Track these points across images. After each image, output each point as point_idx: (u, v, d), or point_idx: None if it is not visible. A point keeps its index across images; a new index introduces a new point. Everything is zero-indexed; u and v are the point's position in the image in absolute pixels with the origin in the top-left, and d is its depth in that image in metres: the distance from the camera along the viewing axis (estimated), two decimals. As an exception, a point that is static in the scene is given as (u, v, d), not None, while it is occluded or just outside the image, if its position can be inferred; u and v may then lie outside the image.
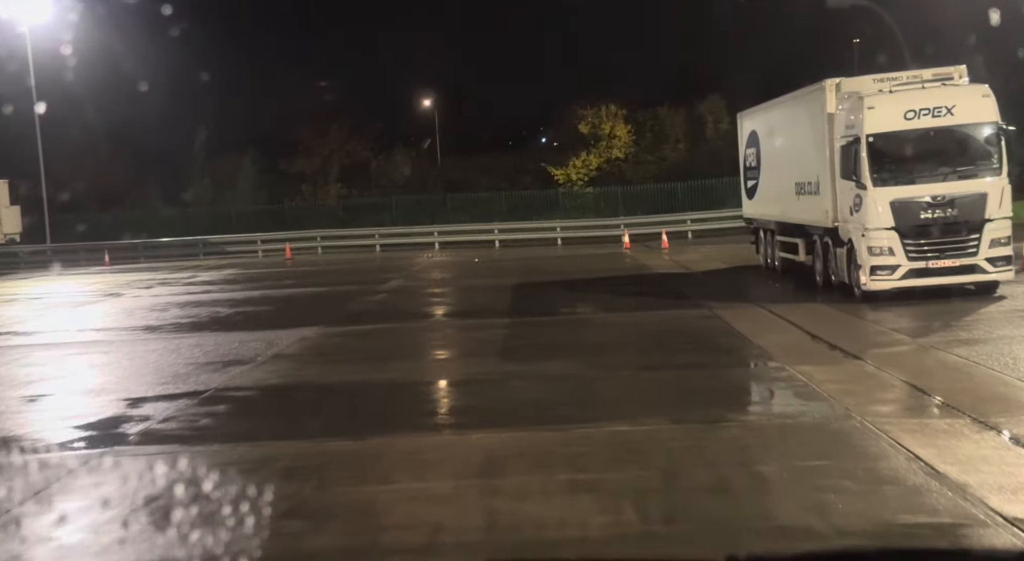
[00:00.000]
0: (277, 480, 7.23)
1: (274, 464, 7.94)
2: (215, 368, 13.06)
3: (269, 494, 6.75)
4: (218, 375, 12.46)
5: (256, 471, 7.50)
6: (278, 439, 8.81)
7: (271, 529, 6.23)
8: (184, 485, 7.33)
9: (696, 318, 16.07)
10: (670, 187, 42.53)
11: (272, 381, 12.08)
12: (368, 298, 21.86)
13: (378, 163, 48.72)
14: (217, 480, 7.16)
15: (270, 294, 23.65)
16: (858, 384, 10.41)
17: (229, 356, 14.05)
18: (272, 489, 6.87)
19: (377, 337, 15.89)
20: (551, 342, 14.41)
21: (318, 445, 8.53)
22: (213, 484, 7.09)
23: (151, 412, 10.28)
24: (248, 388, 11.63)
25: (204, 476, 7.29)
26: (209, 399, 11.01)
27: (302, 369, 12.91)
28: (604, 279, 23.76)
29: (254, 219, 44.68)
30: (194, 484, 7.24)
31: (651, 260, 28.99)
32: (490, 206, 44.29)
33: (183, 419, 9.95)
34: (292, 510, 6.73)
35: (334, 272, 30.97)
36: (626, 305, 18.64)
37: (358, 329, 16.81)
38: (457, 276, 28.19)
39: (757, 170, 23.11)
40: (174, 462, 8.02)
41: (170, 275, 31.70)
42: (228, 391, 11.46)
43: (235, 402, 10.86)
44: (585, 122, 45.78)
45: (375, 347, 14.76)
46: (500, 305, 19.10)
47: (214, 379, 12.19)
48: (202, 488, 7.06)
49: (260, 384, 11.90)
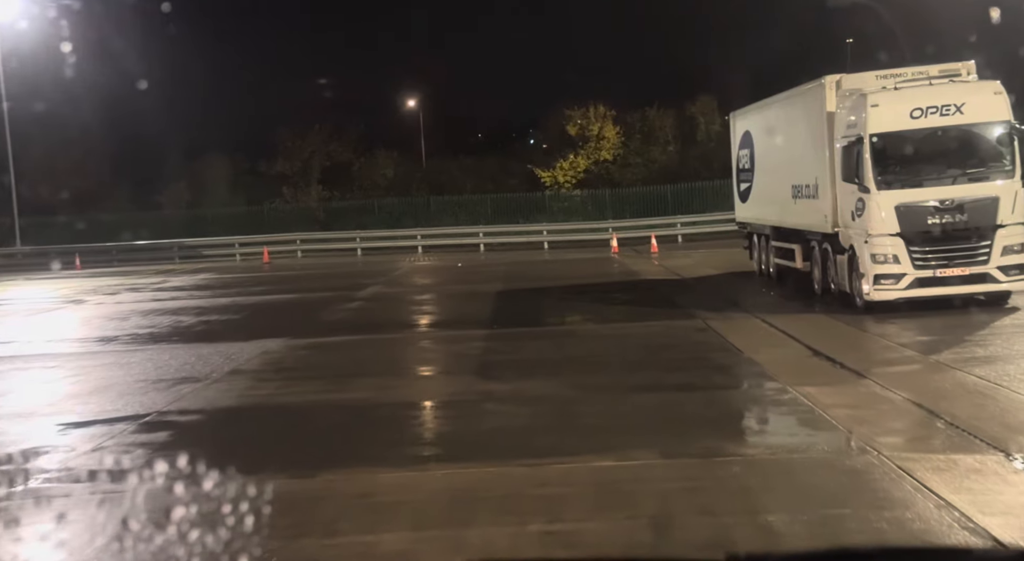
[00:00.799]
0: (198, 532, 6.12)
1: (201, 508, 6.82)
2: (164, 386, 11.94)
3: (181, 552, 5.65)
4: (165, 395, 11.34)
5: (175, 520, 6.39)
6: (213, 476, 7.70)
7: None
8: (73, 538, 6.21)
9: (688, 330, 15.01)
10: (660, 190, 41.53)
11: (223, 402, 10.97)
12: (343, 306, 20.74)
13: (360, 165, 47.55)
14: (116, 533, 6.05)
15: (240, 301, 22.50)
16: (869, 409, 9.36)
17: (183, 372, 12.93)
18: (187, 546, 5.77)
19: (346, 351, 14.78)
20: (532, 357, 13.33)
21: (258, 484, 7.42)
22: (110, 538, 5.98)
23: (78, 441, 9.16)
24: (194, 411, 10.51)
25: (102, 529, 6.18)
26: (148, 424, 9.90)
27: (258, 388, 11.80)
28: (591, 286, 22.71)
29: (232, 222, 43.47)
30: (87, 539, 6.12)
31: (640, 265, 27.96)
32: (475, 209, 43.22)
33: (112, 450, 8.83)
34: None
35: (311, 277, 29.84)
36: (614, 315, 17.57)
37: (327, 341, 15.69)
38: (438, 282, 27.10)
39: (751, 172, 22.09)
40: (77, 507, 6.91)
41: (141, 280, 30.51)
42: (171, 415, 10.34)
43: (176, 428, 9.74)
44: (573, 123, 44.74)
45: (342, 362, 13.65)
46: (481, 314, 18.02)
47: (160, 400, 11.07)
48: (95, 543, 5.95)
49: (209, 406, 10.78)
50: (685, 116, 45.53)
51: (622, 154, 44.96)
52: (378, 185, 46.74)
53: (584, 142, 44.69)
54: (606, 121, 44.96)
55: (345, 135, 48.11)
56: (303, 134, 47.61)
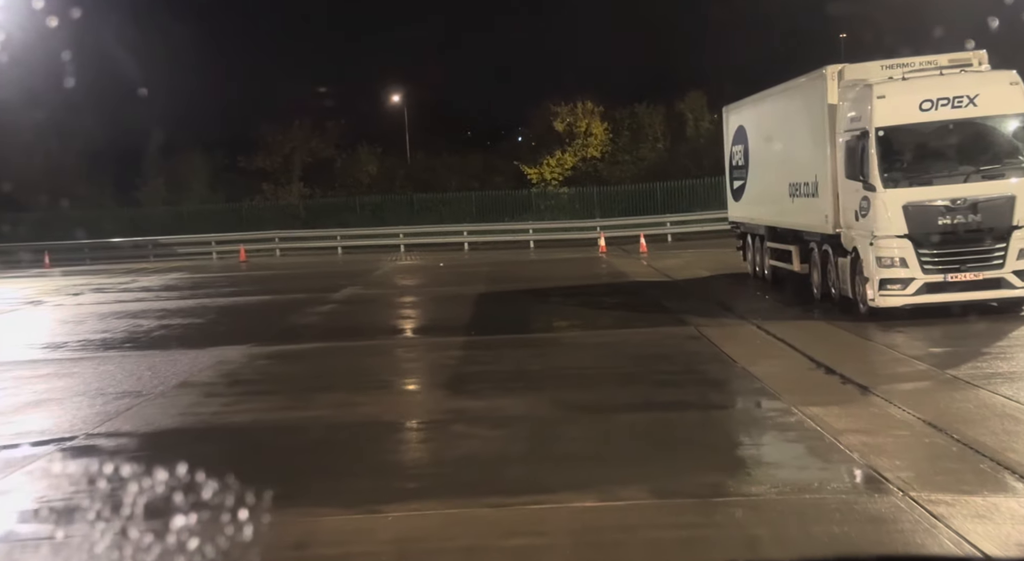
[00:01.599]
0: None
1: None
2: (103, 402, 10.78)
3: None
4: (100, 413, 10.19)
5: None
6: (116, 521, 6.56)
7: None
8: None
9: (680, 338, 13.92)
10: (649, 187, 40.46)
11: (161, 422, 9.81)
12: (315, 309, 19.59)
13: (342, 161, 46.32)
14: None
15: (207, 304, 21.32)
16: (886, 435, 8.28)
17: (126, 385, 11.77)
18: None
19: (309, 360, 13.64)
20: (511, 369, 12.22)
21: (175, 532, 6.29)
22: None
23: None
24: (125, 433, 9.35)
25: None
26: (73, 449, 8.75)
27: (205, 404, 10.65)
28: (578, 288, 21.61)
29: (210, 219, 42.21)
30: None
31: (629, 266, 26.87)
32: (460, 207, 42.08)
33: (17, 481, 7.68)
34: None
35: (287, 277, 28.68)
36: (601, 320, 16.48)
37: (291, 349, 14.55)
38: (418, 283, 25.96)
39: (745, 169, 21.01)
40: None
41: (109, 279, 29.29)
42: (101, 437, 9.20)
43: (100, 454, 8.58)
44: (560, 119, 43.61)
45: (302, 374, 12.51)
46: (459, 319, 16.92)
47: (93, 419, 9.92)
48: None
49: (144, 427, 9.62)
50: (675, 113, 44.44)
51: (610, 151, 43.86)
52: (361, 182, 45.55)
53: (571, 139, 43.58)
54: (594, 117, 43.85)
55: (327, 131, 46.87)
56: (284, 129, 46.38)
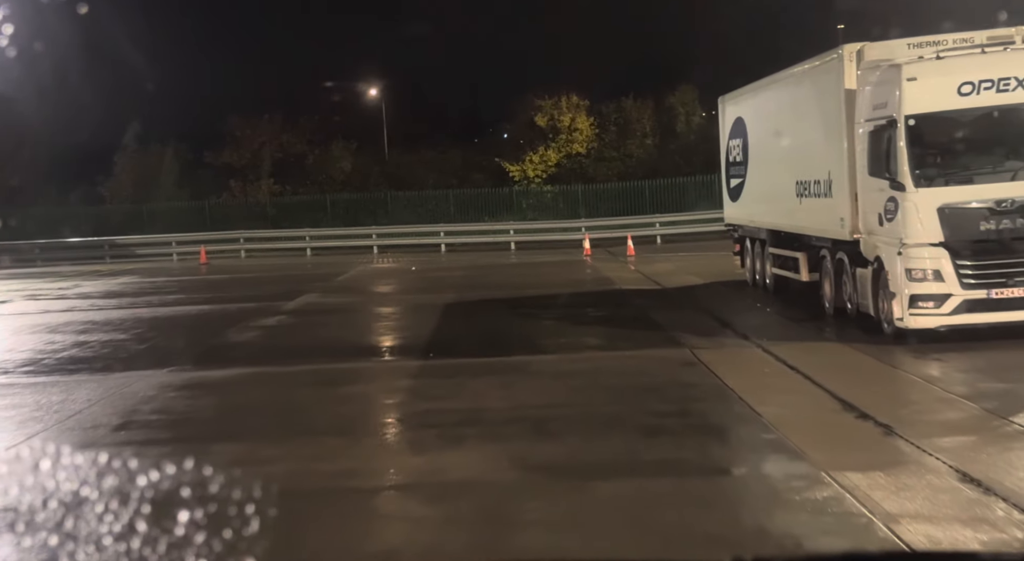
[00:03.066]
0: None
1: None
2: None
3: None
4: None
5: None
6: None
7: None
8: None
9: (673, 365, 11.71)
10: (637, 186, 38.28)
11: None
12: (260, 321, 17.32)
13: (315, 157, 43.97)
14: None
15: (143, 314, 19.01)
16: (963, 525, 6.06)
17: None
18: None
19: (226, 393, 11.34)
20: (467, 408, 9.99)
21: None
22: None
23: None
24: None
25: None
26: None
27: (68, 458, 8.37)
28: (558, 297, 19.38)
29: (174, 217, 39.85)
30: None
31: (615, 271, 24.66)
32: (437, 206, 39.84)
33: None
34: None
35: (244, 282, 26.38)
36: (581, 339, 14.24)
37: (210, 377, 12.27)
38: (384, 290, 23.70)
39: (744, 166, 18.82)
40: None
41: (50, 284, 26.95)
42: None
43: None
44: (542, 114, 41.35)
45: (209, 415, 10.23)
46: (418, 337, 14.69)
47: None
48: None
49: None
50: (664, 107, 42.25)
51: (596, 147, 41.65)
52: (334, 179, 43.21)
53: (555, 134, 41.35)
54: (579, 112, 41.61)
55: (299, 125, 44.51)
56: (253, 123, 44.03)
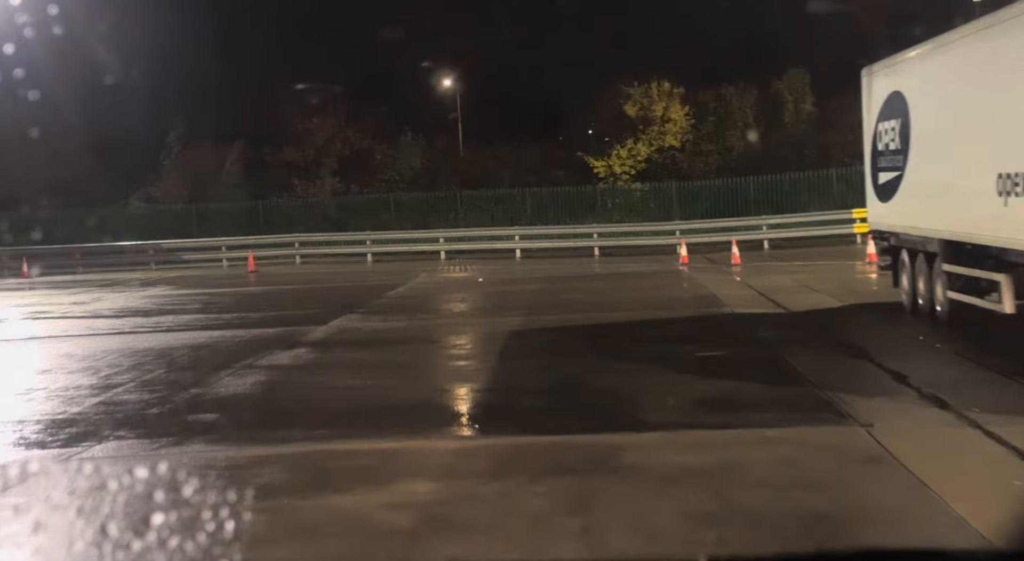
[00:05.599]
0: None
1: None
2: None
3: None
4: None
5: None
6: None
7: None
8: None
9: (847, 461, 7.43)
10: (739, 183, 33.74)
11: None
12: (267, 359, 13.43)
13: (382, 153, 40.34)
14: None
15: (132, 345, 15.22)
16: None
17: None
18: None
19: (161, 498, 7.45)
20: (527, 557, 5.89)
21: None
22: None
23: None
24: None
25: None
26: None
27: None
28: (653, 325, 15.19)
29: (226, 219, 36.66)
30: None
31: (721, 285, 20.30)
32: (513, 206, 35.85)
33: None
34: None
35: (283, 296, 22.75)
36: (694, 401, 9.96)
37: (158, 452, 8.39)
38: (436, 312, 19.71)
39: (902, 155, 14.32)
40: None
41: (67, 297, 23.67)
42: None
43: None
44: (632, 102, 37.03)
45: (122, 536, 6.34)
46: (459, 392, 10.65)
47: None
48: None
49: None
50: (769, 95, 37.53)
51: (692, 140, 37.18)
52: (403, 177, 39.55)
53: (645, 125, 36.99)
54: (672, 100, 37.19)
55: (365, 119, 40.96)
56: (317, 117, 40.63)
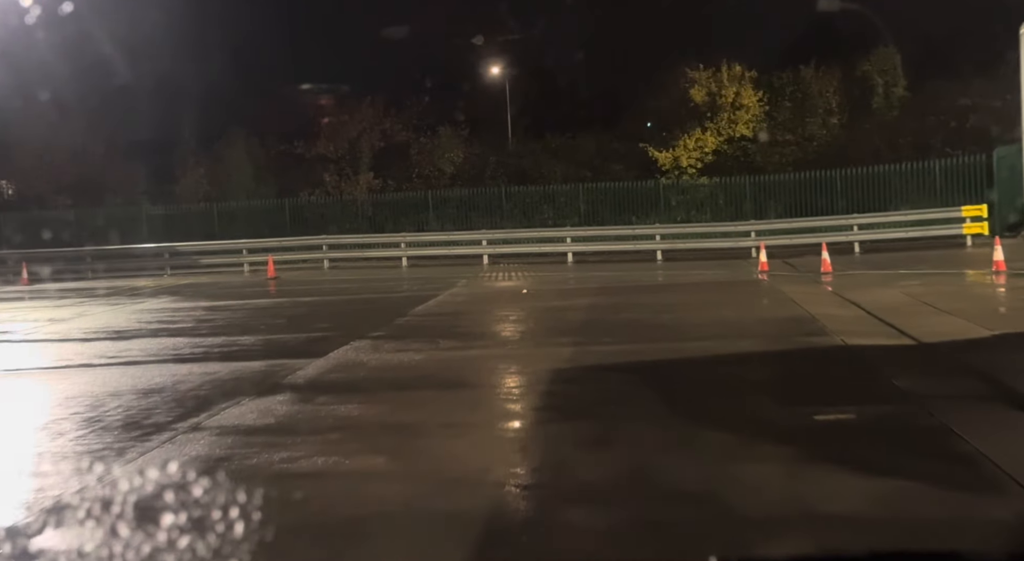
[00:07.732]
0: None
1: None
2: None
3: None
4: None
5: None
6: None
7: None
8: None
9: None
10: (822, 177, 29.84)
11: None
12: (226, 416, 9.86)
13: (420, 147, 37.09)
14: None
15: (68, 386, 11.91)
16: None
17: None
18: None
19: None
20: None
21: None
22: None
23: None
24: None
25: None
26: None
27: None
28: (739, 363, 11.40)
29: (249, 218, 33.71)
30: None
31: (815, 302, 16.42)
32: (565, 203, 32.34)
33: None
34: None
35: (293, 310, 19.46)
36: (825, 517, 6.17)
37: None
38: (466, 336, 16.04)
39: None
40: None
41: (46, 312, 20.65)
42: None
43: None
44: (699, 87, 33.25)
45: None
46: (478, 494, 7.01)
47: None
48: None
49: None
50: (854, 77, 33.47)
51: (766, 129, 33.26)
52: (443, 172, 36.24)
53: (714, 113, 33.17)
54: (744, 85, 33.36)
55: (404, 109, 37.76)
56: (351, 108, 37.55)
